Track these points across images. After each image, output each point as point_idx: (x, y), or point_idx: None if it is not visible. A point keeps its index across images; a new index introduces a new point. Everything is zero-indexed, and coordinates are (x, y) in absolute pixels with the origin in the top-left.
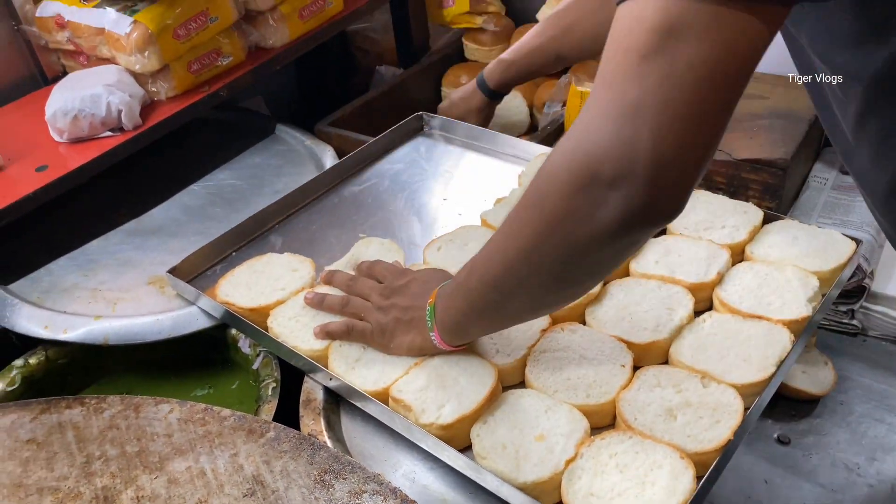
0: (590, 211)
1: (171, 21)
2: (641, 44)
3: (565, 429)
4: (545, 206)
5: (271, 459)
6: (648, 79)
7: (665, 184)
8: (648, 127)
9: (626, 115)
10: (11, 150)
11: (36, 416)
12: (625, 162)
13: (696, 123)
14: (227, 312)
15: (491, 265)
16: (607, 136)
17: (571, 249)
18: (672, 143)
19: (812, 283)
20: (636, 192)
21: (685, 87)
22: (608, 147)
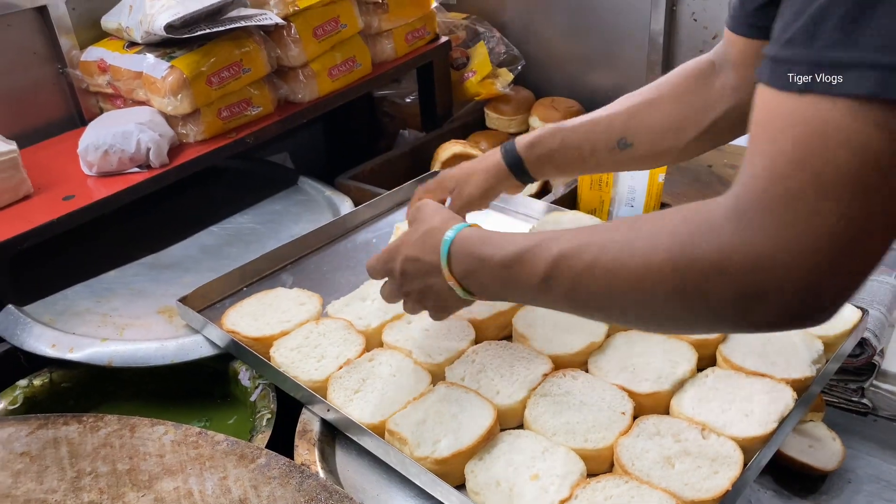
0: (739, 317)
1: (206, 68)
2: (832, 168)
3: (561, 470)
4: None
5: (259, 484)
6: (830, 210)
7: (817, 307)
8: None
9: (781, 203)
10: (42, 180)
11: (33, 430)
12: (786, 282)
13: (865, 260)
14: (231, 342)
15: (602, 292)
16: (759, 234)
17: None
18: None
19: (817, 346)
20: (792, 302)
21: (873, 225)
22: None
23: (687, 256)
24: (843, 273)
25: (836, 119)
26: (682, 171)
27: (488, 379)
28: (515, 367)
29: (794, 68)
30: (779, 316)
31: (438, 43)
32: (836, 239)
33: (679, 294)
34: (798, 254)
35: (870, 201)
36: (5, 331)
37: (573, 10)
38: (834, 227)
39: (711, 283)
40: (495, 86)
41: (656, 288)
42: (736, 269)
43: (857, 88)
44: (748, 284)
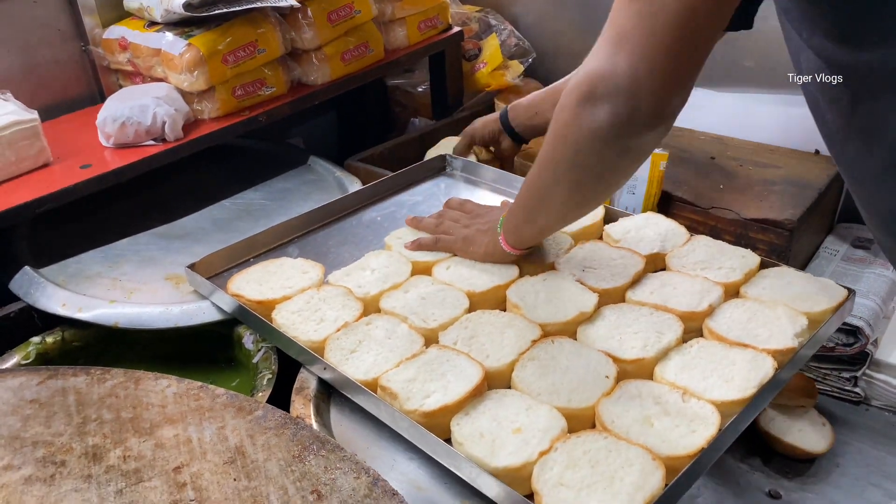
0: (587, 120)
1: (222, 47)
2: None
3: (543, 425)
4: (558, 119)
5: (255, 434)
6: (627, 16)
7: (642, 97)
8: (628, 52)
9: (614, 43)
10: (62, 150)
11: (43, 380)
12: (609, 79)
13: (669, 52)
14: (236, 306)
15: (530, 175)
16: (600, 60)
17: (577, 154)
18: (647, 67)
19: (801, 320)
20: (619, 103)
21: (662, 22)
22: (599, 68)
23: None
24: (666, 78)
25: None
26: (684, 163)
27: (479, 344)
28: (506, 334)
29: None
30: (619, 116)
31: (451, 33)
32: (628, 37)
33: (552, 140)
34: (608, 55)
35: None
36: (20, 289)
37: (585, 4)
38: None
39: (562, 112)
40: (506, 77)
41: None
42: (573, 88)
43: None
44: (583, 93)
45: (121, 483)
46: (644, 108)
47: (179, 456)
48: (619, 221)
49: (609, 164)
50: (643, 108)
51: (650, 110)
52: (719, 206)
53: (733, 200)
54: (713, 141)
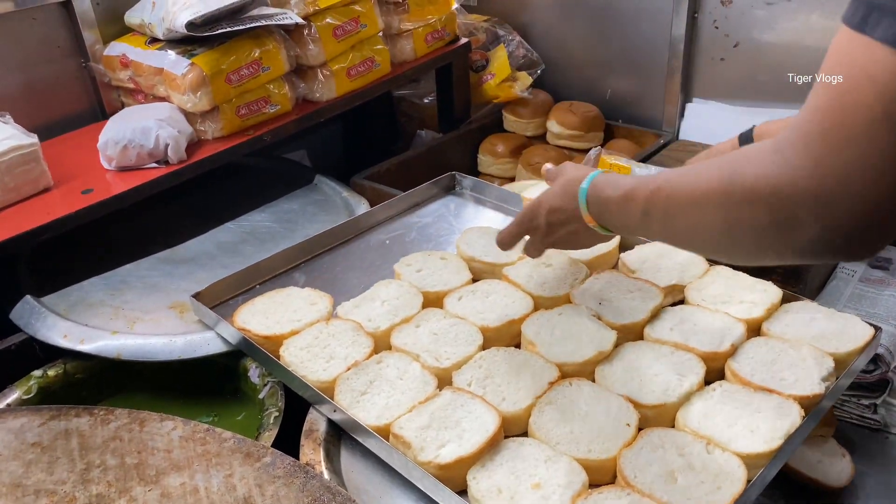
0: (782, 241)
1: (226, 66)
2: (871, 104)
3: (563, 480)
4: (736, 226)
5: (264, 483)
6: (868, 145)
7: (860, 243)
8: (858, 193)
9: (835, 175)
10: (62, 173)
11: (45, 421)
12: (824, 214)
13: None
14: (242, 339)
15: (674, 222)
16: (810, 187)
17: (755, 258)
18: (878, 211)
19: (827, 363)
20: (830, 239)
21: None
22: (809, 198)
23: (731, 181)
24: (875, 207)
25: (867, 59)
26: None
27: (495, 385)
28: (522, 374)
29: (857, 4)
30: (814, 243)
31: (458, 44)
32: (859, 170)
33: (724, 216)
34: (828, 184)
35: (891, 139)
36: (21, 320)
37: (594, 15)
38: (858, 160)
39: (749, 207)
40: (514, 89)
41: (707, 210)
42: (768, 194)
43: (885, 35)
44: (779, 210)
45: None
46: (859, 249)
47: None
48: (636, 249)
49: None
50: (857, 249)
51: (865, 251)
52: None
53: None
54: None
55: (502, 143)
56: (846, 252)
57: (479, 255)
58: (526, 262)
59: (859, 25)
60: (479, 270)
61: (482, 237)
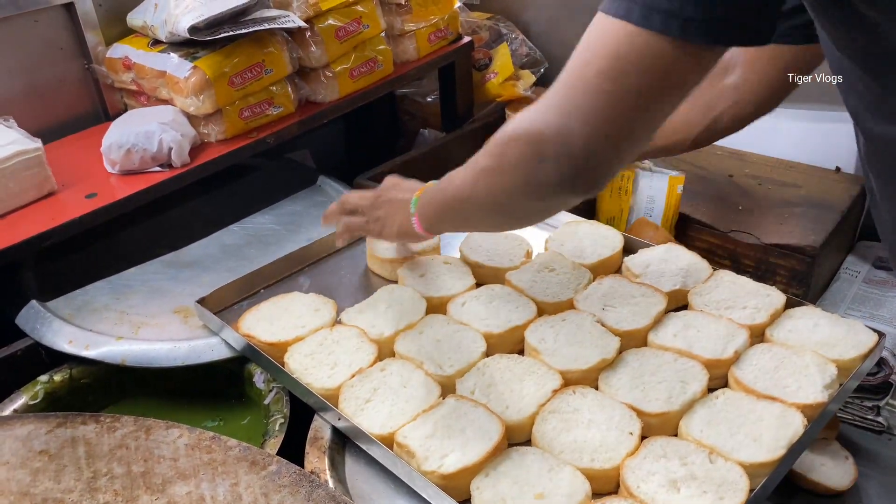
0: (532, 175)
1: (228, 69)
2: (600, 63)
3: (566, 490)
4: (503, 162)
5: (270, 492)
6: (592, 93)
7: (589, 172)
8: (583, 128)
9: (569, 115)
10: (66, 176)
11: (52, 428)
12: (562, 148)
13: (624, 135)
14: (246, 345)
15: (461, 187)
16: (553, 126)
17: (514, 198)
18: (600, 146)
19: (830, 370)
20: (566, 171)
21: (623, 107)
22: (552, 134)
23: (501, 130)
24: (604, 141)
25: (599, 28)
26: (701, 182)
27: (498, 393)
28: (525, 382)
29: None
30: (554, 175)
31: (461, 43)
32: (596, 113)
33: (486, 170)
34: (566, 122)
35: (619, 90)
36: (27, 325)
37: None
38: (594, 105)
39: (514, 143)
40: (517, 88)
41: (479, 161)
42: (525, 130)
43: (615, 11)
44: (534, 143)
45: None
46: (589, 178)
47: None
48: (640, 253)
49: (531, 213)
50: (586, 178)
51: (593, 181)
52: (738, 230)
53: (753, 223)
54: (731, 157)
55: None
56: (576, 182)
57: (483, 260)
58: (529, 267)
59: (603, 7)
60: (482, 275)
61: (485, 241)
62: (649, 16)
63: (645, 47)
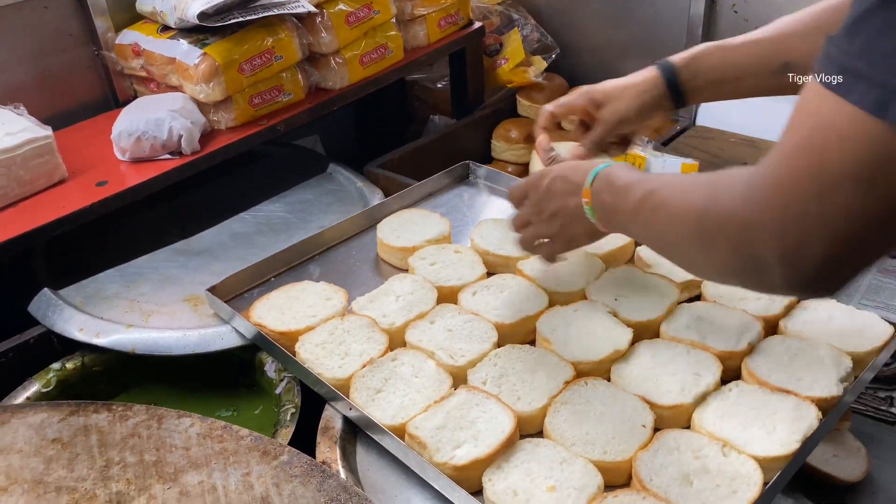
0: (750, 274)
1: (238, 56)
2: (836, 166)
3: (578, 482)
4: (713, 246)
5: (281, 482)
6: (830, 203)
7: (823, 282)
8: (819, 242)
9: (798, 223)
10: (77, 164)
11: (64, 417)
12: (790, 258)
13: (867, 248)
14: (258, 334)
15: (658, 238)
16: (776, 231)
17: (724, 280)
18: (838, 259)
19: (845, 363)
20: (795, 280)
21: (867, 222)
22: (775, 241)
23: (706, 209)
24: (834, 258)
25: (842, 122)
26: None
27: (510, 384)
28: (537, 373)
29: (828, 65)
30: (776, 282)
31: (472, 29)
32: (823, 224)
33: (699, 238)
34: (791, 233)
35: (856, 200)
36: (38, 312)
37: None
38: (823, 214)
39: (721, 237)
40: (528, 74)
41: (686, 228)
42: (737, 230)
43: (861, 101)
44: (746, 247)
45: None
46: (822, 287)
47: None
48: None
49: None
50: (820, 288)
51: (828, 289)
52: None
53: None
54: (744, 144)
55: (516, 129)
56: (808, 292)
57: (494, 249)
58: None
59: (838, 89)
60: (493, 263)
61: (497, 229)
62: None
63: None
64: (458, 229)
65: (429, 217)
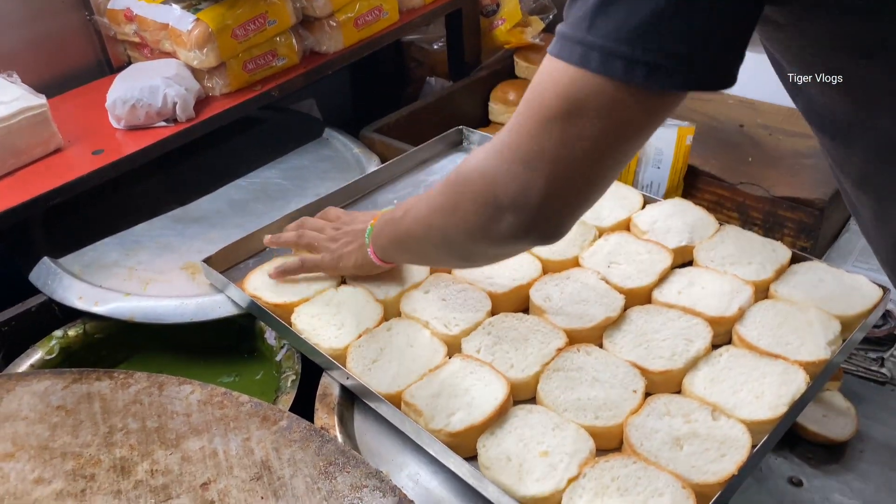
0: (487, 223)
1: (231, 21)
2: (550, 106)
3: (570, 448)
4: (458, 206)
5: (281, 447)
6: (548, 139)
7: (546, 222)
8: (541, 177)
9: (525, 163)
10: (72, 132)
11: (68, 384)
12: (519, 198)
13: (580, 182)
14: (254, 304)
15: (413, 224)
16: (509, 174)
17: (468, 242)
18: (557, 195)
19: (834, 326)
20: (523, 221)
21: (576, 153)
22: (508, 183)
23: (455, 175)
24: (562, 189)
25: (556, 73)
26: (711, 132)
27: (503, 352)
28: (530, 341)
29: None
30: (503, 228)
31: None
32: (544, 161)
33: (446, 206)
34: (519, 172)
35: (567, 134)
36: (39, 281)
37: None
38: (542, 150)
39: (465, 192)
40: (525, 35)
41: (434, 202)
42: (478, 177)
43: (569, 57)
44: (486, 193)
45: (150, 500)
46: (546, 228)
47: (206, 471)
48: (647, 209)
49: (493, 257)
50: (545, 228)
51: (551, 230)
52: (748, 182)
53: (762, 175)
54: (742, 106)
55: (514, 91)
56: (532, 235)
57: None
58: None
59: (552, 51)
60: None
61: None
62: (607, 62)
63: (603, 94)
64: None
65: None
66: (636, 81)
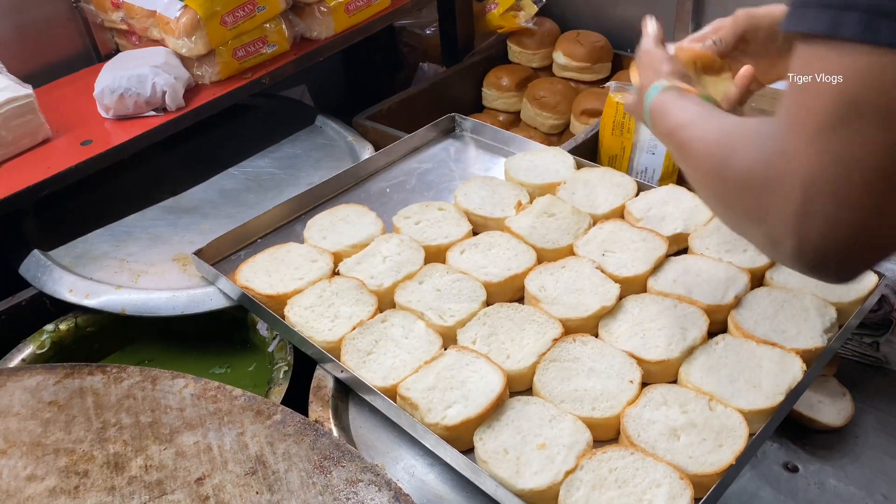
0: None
1: (220, 8)
2: (824, 111)
3: (568, 440)
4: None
5: (275, 441)
6: (824, 156)
7: (829, 264)
8: (867, 187)
9: (800, 190)
10: (60, 122)
11: (60, 379)
12: (841, 211)
13: (868, 209)
14: (245, 296)
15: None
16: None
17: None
18: (841, 232)
19: (830, 313)
20: (836, 238)
21: (861, 171)
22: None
23: (723, 170)
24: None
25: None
26: None
27: (499, 342)
28: (526, 331)
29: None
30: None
31: None
32: (863, 171)
33: (718, 198)
34: (796, 187)
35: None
36: (29, 274)
37: None
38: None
39: (736, 199)
40: (518, 19)
41: (705, 181)
42: (760, 182)
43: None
44: (759, 208)
45: (144, 496)
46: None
47: (201, 466)
48: (641, 196)
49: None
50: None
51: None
52: None
53: None
54: None
55: (507, 76)
56: (820, 269)
57: (475, 209)
58: (528, 213)
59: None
60: (476, 223)
61: (482, 188)
62: None
63: None
64: (445, 185)
65: (364, 215)
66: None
